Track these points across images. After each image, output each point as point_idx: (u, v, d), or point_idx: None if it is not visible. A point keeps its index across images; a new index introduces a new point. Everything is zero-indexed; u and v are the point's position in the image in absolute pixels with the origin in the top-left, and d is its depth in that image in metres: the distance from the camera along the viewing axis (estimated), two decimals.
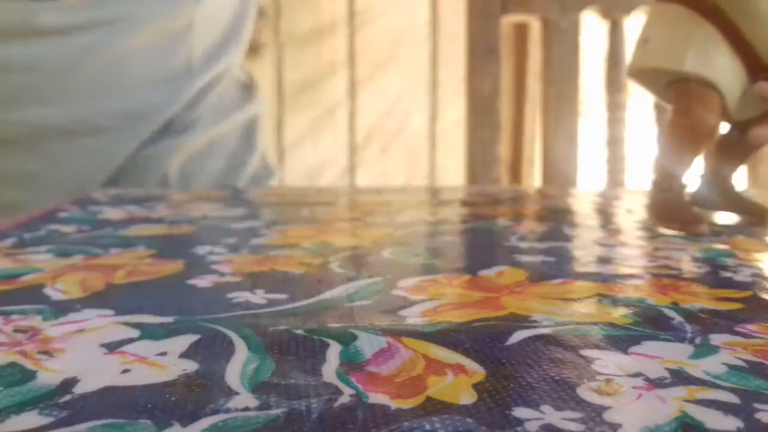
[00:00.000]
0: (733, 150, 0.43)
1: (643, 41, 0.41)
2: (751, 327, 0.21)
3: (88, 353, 0.19)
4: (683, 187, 0.40)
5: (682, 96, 0.39)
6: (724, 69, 0.38)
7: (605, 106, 1.15)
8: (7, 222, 0.40)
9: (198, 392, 0.16)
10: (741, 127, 0.42)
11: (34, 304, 0.24)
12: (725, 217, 0.44)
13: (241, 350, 0.19)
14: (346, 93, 1.76)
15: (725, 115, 0.39)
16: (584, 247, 0.35)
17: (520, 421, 0.14)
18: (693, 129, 0.38)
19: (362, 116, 1.77)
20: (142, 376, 0.17)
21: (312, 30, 1.72)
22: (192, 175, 0.63)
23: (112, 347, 0.19)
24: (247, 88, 0.71)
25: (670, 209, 0.39)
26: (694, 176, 0.44)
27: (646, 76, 0.42)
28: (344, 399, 0.15)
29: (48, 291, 0.25)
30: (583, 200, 0.57)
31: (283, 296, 0.25)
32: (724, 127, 0.43)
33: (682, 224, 0.38)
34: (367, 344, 0.19)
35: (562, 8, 1.19)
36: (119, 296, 0.25)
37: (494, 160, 1.23)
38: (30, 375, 0.17)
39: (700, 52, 0.38)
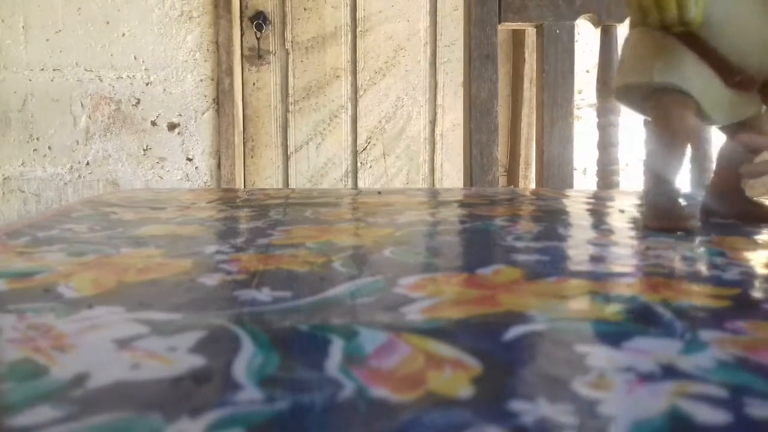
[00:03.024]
0: (737, 158, 0.44)
1: (620, 64, 0.44)
2: (739, 323, 0.21)
3: (99, 349, 0.19)
4: (676, 189, 0.41)
5: (658, 106, 0.41)
6: (692, 75, 0.39)
7: (597, 111, 1.16)
8: (21, 221, 0.41)
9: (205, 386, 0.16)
10: (735, 132, 0.43)
11: (48, 302, 0.24)
12: (733, 223, 0.43)
13: (248, 346, 0.19)
14: (349, 98, 1.76)
15: (707, 118, 0.41)
16: (578, 247, 0.36)
17: (516, 414, 0.15)
18: (674, 134, 0.40)
19: (364, 120, 1.77)
20: (152, 370, 0.17)
21: (316, 38, 1.73)
22: None
23: (123, 343, 0.19)
24: None
25: (663, 210, 0.40)
26: (690, 181, 0.44)
27: (628, 95, 0.44)
28: (346, 393, 0.16)
29: (61, 289, 0.26)
30: (577, 201, 0.57)
31: (288, 294, 0.25)
32: (722, 136, 0.44)
33: (673, 222, 0.39)
34: (369, 340, 0.20)
35: (556, 16, 1.21)
36: (130, 294, 0.25)
37: (491, 163, 1.24)
38: (43, 370, 0.17)
39: (666, 63, 0.40)
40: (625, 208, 0.51)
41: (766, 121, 0.43)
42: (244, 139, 1.78)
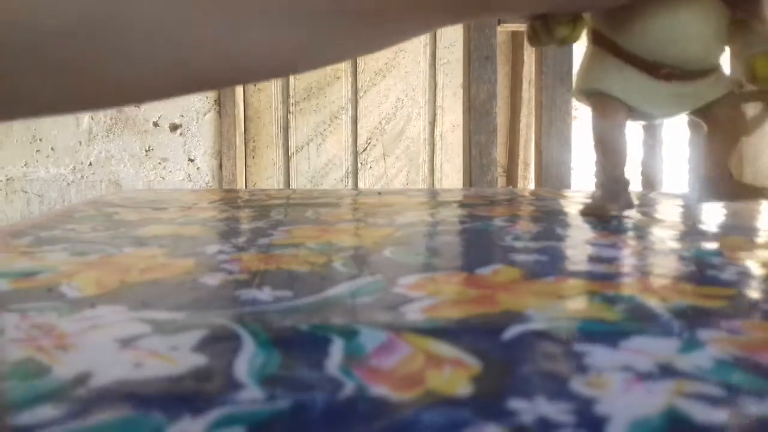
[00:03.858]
0: (720, 141, 0.45)
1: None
2: (736, 323, 0.21)
3: (102, 348, 0.19)
4: (613, 177, 0.45)
5: (592, 105, 0.46)
6: (613, 77, 0.44)
7: None
8: (25, 221, 0.41)
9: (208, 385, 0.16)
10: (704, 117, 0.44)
11: (51, 302, 0.24)
12: (724, 208, 0.44)
13: (249, 345, 0.19)
14: (349, 99, 1.76)
15: (642, 113, 0.45)
16: (576, 247, 0.36)
17: (514, 412, 0.15)
18: (612, 129, 0.45)
19: (364, 121, 1.78)
20: (154, 369, 0.17)
21: None
22: None
23: (125, 342, 0.20)
24: None
25: (614, 195, 0.44)
26: (691, 173, 0.46)
27: (579, 97, 0.48)
28: (347, 391, 0.16)
29: (64, 289, 0.26)
30: (575, 201, 0.57)
31: (289, 293, 0.25)
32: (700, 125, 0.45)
33: (598, 210, 0.44)
34: (369, 339, 0.20)
35: None
36: (133, 293, 0.25)
37: (490, 163, 1.24)
38: (45, 369, 0.17)
39: (589, 70, 0.45)
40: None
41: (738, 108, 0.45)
42: (245, 139, 1.78)
